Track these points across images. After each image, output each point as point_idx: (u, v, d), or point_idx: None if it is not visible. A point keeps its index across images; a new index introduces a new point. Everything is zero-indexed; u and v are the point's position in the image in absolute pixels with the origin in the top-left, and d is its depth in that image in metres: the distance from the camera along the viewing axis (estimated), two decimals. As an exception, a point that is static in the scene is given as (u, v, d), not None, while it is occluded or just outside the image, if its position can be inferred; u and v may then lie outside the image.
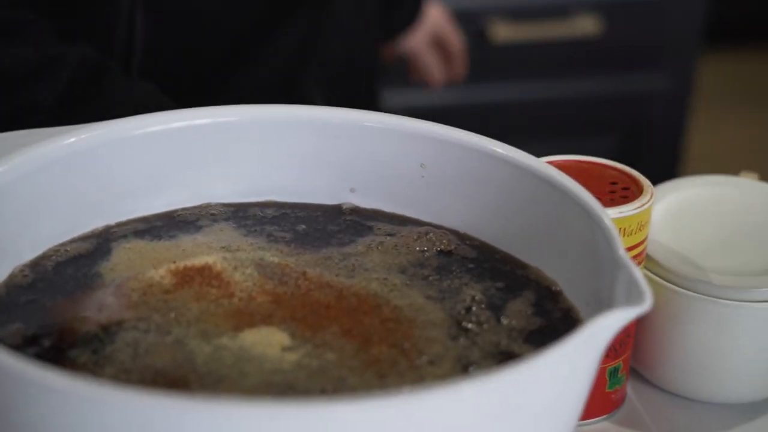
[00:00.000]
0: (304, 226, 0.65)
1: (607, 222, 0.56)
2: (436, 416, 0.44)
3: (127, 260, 0.61)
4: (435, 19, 1.40)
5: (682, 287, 0.68)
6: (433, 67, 1.42)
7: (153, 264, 0.60)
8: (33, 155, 0.60)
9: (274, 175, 0.67)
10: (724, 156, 2.50)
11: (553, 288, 0.60)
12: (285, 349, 0.54)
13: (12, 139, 0.60)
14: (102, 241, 0.63)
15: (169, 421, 0.43)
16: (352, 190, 0.68)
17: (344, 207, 0.67)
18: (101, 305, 0.57)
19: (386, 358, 0.53)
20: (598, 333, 0.48)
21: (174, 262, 0.60)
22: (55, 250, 0.61)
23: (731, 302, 0.67)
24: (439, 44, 1.42)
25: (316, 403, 0.43)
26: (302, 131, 0.66)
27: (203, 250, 0.62)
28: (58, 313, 0.56)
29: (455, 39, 1.42)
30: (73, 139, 0.62)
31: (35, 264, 0.60)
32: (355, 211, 0.67)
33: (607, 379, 0.68)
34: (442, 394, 0.44)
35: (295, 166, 0.67)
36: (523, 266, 0.62)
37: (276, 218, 0.66)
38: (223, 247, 0.62)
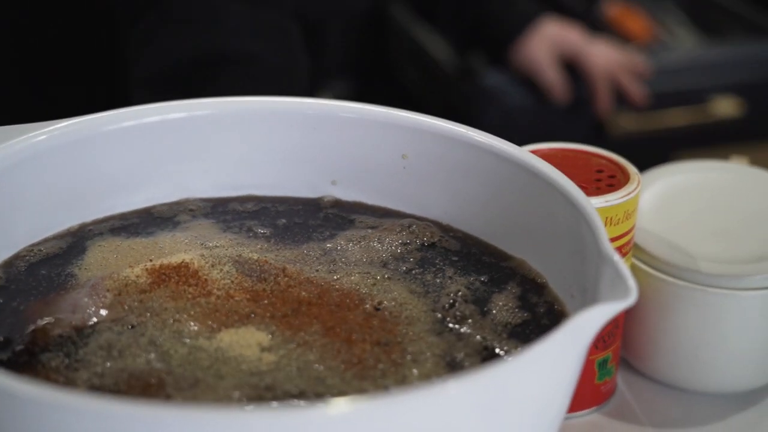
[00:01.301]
0: (284, 221, 0.64)
1: (592, 213, 0.55)
2: (421, 417, 0.44)
3: (102, 259, 0.60)
4: (562, 36, 1.50)
5: (672, 276, 0.67)
6: (553, 81, 1.50)
7: (129, 263, 0.59)
8: (3, 154, 0.59)
9: (254, 169, 0.66)
10: None
11: (538, 280, 0.59)
12: (263, 349, 0.52)
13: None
14: (77, 240, 0.62)
15: (144, 429, 0.42)
16: (333, 183, 0.67)
17: (325, 200, 0.66)
18: (75, 306, 0.56)
19: (369, 357, 0.52)
20: (582, 328, 0.47)
21: (150, 260, 0.59)
22: (29, 250, 0.60)
23: (722, 291, 0.66)
24: (568, 61, 1.52)
25: (293, 407, 0.42)
26: (280, 123, 0.65)
27: (181, 247, 0.61)
28: (30, 315, 0.55)
29: (592, 59, 1.50)
30: (44, 136, 0.61)
31: (8, 264, 0.59)
32: (337, 204, 0.66)
33: (596, 370, 0.67)
34: (427, 394, 0.43)
35: (274, 159, 0.66)
36: (508, 258, 0.61)
37: (255, 213, 0.65)
38: (201, 244, 0.61)
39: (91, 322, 0.54)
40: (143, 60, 0.89)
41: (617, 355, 0.69)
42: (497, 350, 0.54)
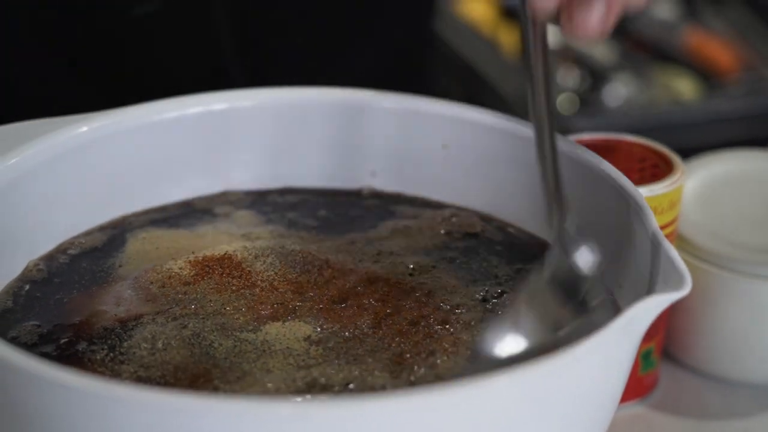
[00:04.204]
0: (324, 212, 0.64)
1: (642, 202, 0.55)
2: (476, 410, 0.44)
3: (144, 251, 0.60)
4: None
5: (716, 266, 0.67)
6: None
7: (171, 255, 0.59)
8: (46, 146, 0.59)
9: (293, 161, 0.66)
10: None
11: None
12: (311, 342, 0.52)
13: (23, 130, 0.59)
14: (118, 232, 0.62)
15: (192, 421, 0.42)
16: (372, 174, 0.67)
17: (364, 191, 0.66)
18: (118, 299, 0.56)
19: (419, 347, 0.52)
20: (638, 319, 0.48)
21: (193, 252, 0.59)
22: (71, 243, 0.61)
23: (766, 280, 0.66)
24: None
25: (345, 400, 0.43)
26: (320, 114, 0.65)
27: (223, 239, 0.61)
28: (73, 308, 0.55)
29: None
30: (85, 128, 0.61)
31: (50, 257, 0.59)
32: (377, 195, 0.66)
33: (640, 362, 0.67)
34: (482, 386, 0.43)
35: (313, 150, 0.66)
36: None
37: (296, 204, 0.65)
38: (243, 236, 0.61)
39: (134, 315, 0.54)
40: None
41: (660, 346, 0.69)
42: (550, 340, 0.54)
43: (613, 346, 0.48)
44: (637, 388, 0.68)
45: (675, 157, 0.67)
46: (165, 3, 0.79)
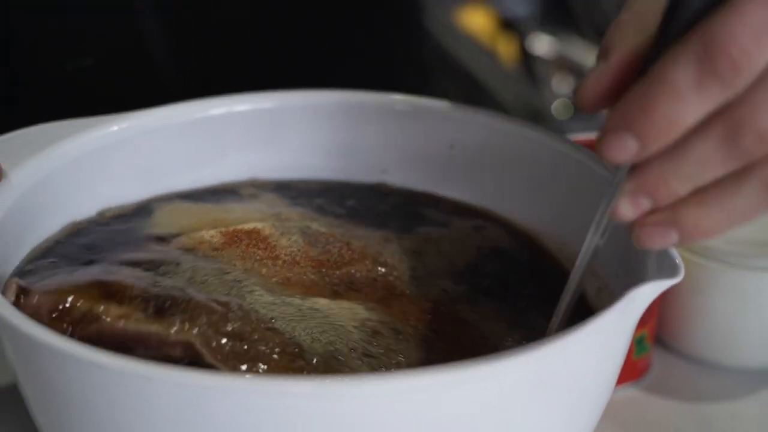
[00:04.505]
0: (352, 202, 0.66)
1: None
2: (477, 390, 0.45)
3: (175, 220, 0.62)
4: None
5: (706, 258, 0.69)
6: None
7: (203, 225, 0.61)
8: (91, 137, 0.62)
9: (315, 155, 0.69)
10: None
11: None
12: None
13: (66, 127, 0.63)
14: (149, 205, 0.65)
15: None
16: (383, 171, 0.69)
17: (381, 186, 0.69)
18: (150, 261, 0.57)
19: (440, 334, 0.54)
20: (634, 303, 0.49)
21: (224, 225, 0.61)
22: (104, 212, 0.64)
23: (754, 271, 0.68)
24: None
25: (354, 379, 0.44)
26: (335, 116, 0.68)
27: (253, 216, 0.63)
28: (102, 273, 0.56)
29: None
30: (115, 128, 0.64)
31: (89, 221, 0.62)
32: (396, 191, 0.68)
33: (634, 347, 0.68)
34: (483, 369, 0.44)
35: (332, 150, 0.69)
36: (550, 240, 0.64)
37: (322, 192, 0.67)
38: (273, 215, 0.63)
39: (164, 276, 0.55)
40: None
41: (653, 333, 0.70)
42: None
43: (612, 329, 0.49)
44: (631, 371, 0.69)
45: (666, 156, 0.69)
46: (98, 59, 0.78)
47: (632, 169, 0.45)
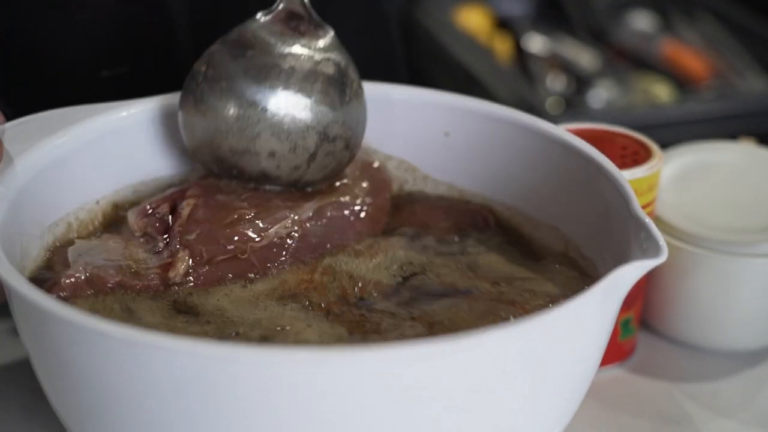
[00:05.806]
0: None
1: (624, 183, 0.58)
2: (467, 361, 0.47)
3: None
4: None
5: (688, 244, 0.70)
6: None
7: None
8: (102, 121, 0.65)
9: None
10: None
11: (573, 245, 0.63)
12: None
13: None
14: None
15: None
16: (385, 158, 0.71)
17: None
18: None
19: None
20: (617, 283, 0.51)
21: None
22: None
23: (733, 257, 0.70)
24: None
25: (352, 349, 0.46)
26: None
27: None
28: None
29: None
30: (124, 114, 0.67)
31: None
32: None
33: (620, 329, 0.70)
34: (474, 341, 0.46)
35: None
36: (544, 225, 0.66)
37: None
38: None
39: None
40: None
41: (638, 316, 0.72)
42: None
43: (597, 306, 0.50)
44: (617, 352, 0.71)
45: (653, 146, 0.70)
46: (133, 67, 0.79)
47: None
